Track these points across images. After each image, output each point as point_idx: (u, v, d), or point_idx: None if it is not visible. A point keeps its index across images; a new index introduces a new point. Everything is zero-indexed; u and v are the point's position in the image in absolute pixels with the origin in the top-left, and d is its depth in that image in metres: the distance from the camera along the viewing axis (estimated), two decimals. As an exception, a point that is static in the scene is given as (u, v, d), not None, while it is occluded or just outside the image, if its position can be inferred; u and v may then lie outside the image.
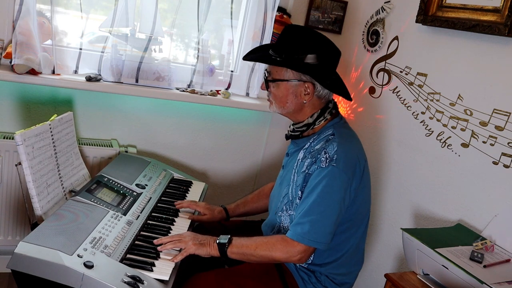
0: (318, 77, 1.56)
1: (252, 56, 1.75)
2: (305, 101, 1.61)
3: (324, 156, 1.51)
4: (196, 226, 1.85)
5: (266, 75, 1.65)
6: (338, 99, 2.55)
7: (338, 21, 2.55)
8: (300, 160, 1.61)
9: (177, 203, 1.82)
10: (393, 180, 2.17)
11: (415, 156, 2.06)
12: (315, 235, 1.47)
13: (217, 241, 1.51)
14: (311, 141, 1.62)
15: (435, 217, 1.93)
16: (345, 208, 1.54)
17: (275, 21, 2.36)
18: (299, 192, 1.57)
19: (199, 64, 2.33)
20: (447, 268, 1.44)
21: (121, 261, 1.35)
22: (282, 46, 1.61)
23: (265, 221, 1.78)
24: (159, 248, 1.47)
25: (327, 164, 1.49)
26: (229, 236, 1.53)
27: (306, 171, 1.55)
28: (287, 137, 1.72)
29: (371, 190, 1.71)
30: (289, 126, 1.72)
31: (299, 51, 1.57)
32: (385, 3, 2.27)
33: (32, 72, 1.96)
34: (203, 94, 2.30)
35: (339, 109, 1.73)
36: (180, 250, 1.48)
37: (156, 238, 1.53)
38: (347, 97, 1.65)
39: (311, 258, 1.60)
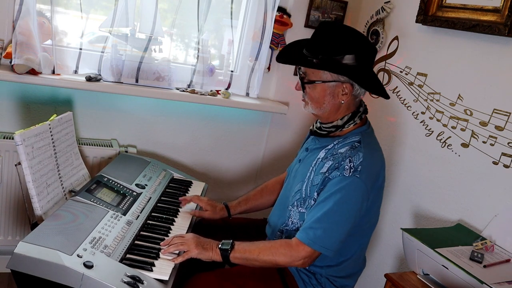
0: (356, 78, 1.52)
1: (287, 58, 1.67)
2: (342, 101, 1.56)
3: (349, 165, 1.47)
4: (197, 223, 1.85)
5: (301, 75, 1.59)
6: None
7: (338, 21, 2.54)
8: (320, 160, 1.58)
9: (181, 198, 1.83)
10: (393, 180, 2.17)
11: (415, 156, 2.06)
12: (326, 241, 1.45)
13: (220, 247, 1.50)
14: (335, 143, 1.58)
15: (435, 217, 1.93)
16: (359, 218, 1.52)
17: (275, 21, 2.37)
18: (315, 194, 1.54)
19: (199, 64, 2.33)
20: (447, 268, 1.44)
21: (121, 261, 1.35)
22: (318, 46, 1.54)
23: (273, 212, 1.77)
24: (162, 251, 1.46)
25: (350, 174, 1.46)
26: (231, 241, 1.51)
27: (327, 174, 1.51)
28: (312, 132, 1.69)
29: (381, 205, 1.69)
30: (316, 122, 1.69)
31: (336, 51, 1.51)
32: (385, 3, 2.27)
33: (32, 72, 1.96)
34: (203, 94, 2.30)
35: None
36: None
37: (156, 238, 1.53)
38: (385, 95, 1.60)
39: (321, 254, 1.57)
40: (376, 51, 1.61)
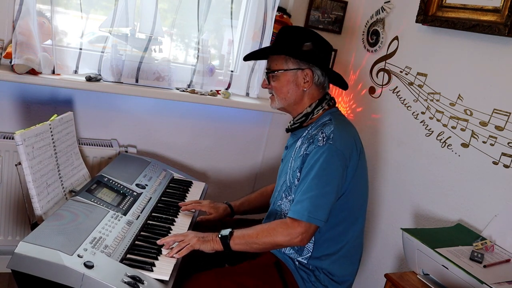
0: (315, 61, 1.63)
1: (252, 54, 1.82)
2: (305, 89, 1.66)
3: (321, 136, 1.55)
4: (197, 223, 1.85)
5: (266, 71, 1.71)
6: (338, 96, 2.55)
7: (338, 21, 2.54)
8: (298, 147, 1.65)
9: (181, 204, 1.83)
10: (393, 180, 2.17)
11: (415, 156, 2.06)
12: (314, 211, 1.48)
13: (219, 235, 1.53)
14: (308, 129, 1.66)
15: (435, 217, 1.93)
16: (343, 191, 1.56)
17: (275, 21, 2.36)
18: (298, 174, 1.59)
19: (199, 64, 2.33)
20: (447, 268, 1.44)
21: (121, 261, 1.35)
22: (279, 41, 1.69)
23: (267, 213, 1.80)
24: (164, 247, 1.47)
25: (324, 143, 1.53)
26: (230, 229, 1.54)
27: (304, 153, 1.58)
28: (287, 130, 1.76)
29: (368, 184, 1.73)
30: (289, 122, 1.76)
31: (295, 40, 1.65)
32: (385, 3, 2.27)
33: (32, 72, 1.96)
34: (203, 94, 2.30)
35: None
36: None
37: (156, 238, 1.53)
38: (344, 85, 1.73)
39: (310, 250, 1.61)
40: (332, 47, 1.74)
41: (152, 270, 1.35)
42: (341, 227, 1.62)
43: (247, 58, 1.82)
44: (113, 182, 1.78)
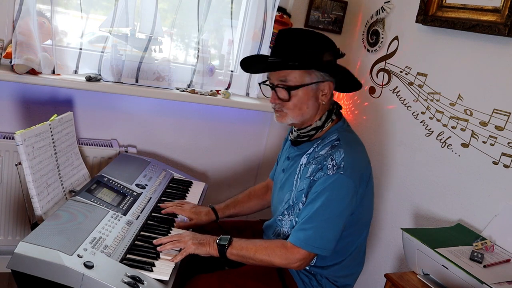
0: (341, 73, 1.52)
1: (259, 67, 1.62)
2: (323, 102, 1.54)
3: (331, 163, 1.46)
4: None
5: (277, 84, 1.52)
6: (337, 97, 2.55)
7: (338, 21, 2.54)
8: (303, 166, 1.57)
9: (162, 205, 1.76)
10: (393, 180, 2.17)
11: (415, 156, 2.06)
12: (319, 241, 1.45)
13: (217, 242, 1.50)
14: (314, 146, 1.57)
15: (435, 217, 1.93)
16: (350, 214, 1.51)
17: (275, 21, 2.36)
18: (303, 198, 1.53)
19: (199, 64, 2.33)
20: (447, 268, 1.44)
21: (121, 261, 1.35)
22: (294, 49, 1.49)
23: (268, 222, 1.76)
24: (158, 248, 1.46)
25: (334, 172, 1.45)
26: (229, 237, 1.52)
27: (311, 177, 1.50)
28: (294, 142, 1.64)
29: (374, 195, 1.71)
30: (292, 132, 1.65)
31: (316, 50, 1.49)
32: (385, 3, 2.27)
33: (32, 72, 1.96)
34: (203, 94, 2.30)
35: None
36: (180, 250, 1.48)
37: (156, 238, 1.53)
38: (358, 85, 1.63)
39: (314, 261, 1.58)
40: (339, 49, 1.62)
41: (152, 270, 1.35)
42: (346, 240, 1.59)
43: (251, 70, 1.65)
44: (113, 182, 1.78)
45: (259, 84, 1.59)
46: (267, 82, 1.58)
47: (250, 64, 1.66)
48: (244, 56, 1.68)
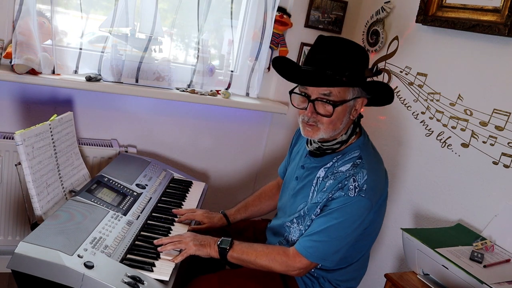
0: (379, 90, 1.48)
1: (313, 80, 1.45)
2: (355, 119, 1.51)
3: (353, 185, 1.42)
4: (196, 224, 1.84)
5: (318, 98, 1.43)
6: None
7: (338, 21, 2.54)
8: (321, 179, 1.53)
9: (175, 211, 1.75)
10: (393, 180, 2.17)
11: (415, 156, 2.06)
12: (324, 254, 1.44)
13: (218, 244, 1.50)
14: (334, 161, 1.52)
15: (435, 217, 1.93)
16: (362, 231, 1.50)
17: (275, 21, 2.37)
18: (318, 210, 1.50)
19: (199, 64, 2.33)
20: (447, 268, 1.44)
21: (121, 261, 1.35)
22: (337, 63, 1.42)
23: (271, 225, 1.74)
24: (159, 248, 1.46)
25: (355, 194, 1.42)
26: (230, 239, 1.51)
27: (330, 195, 1.46)
28: (312, 154, 1.58)
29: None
30: (310, 143, 1.57)
31: (359, 66, 1.44)
32: (385, 3, 2.27)
33: (32, 72, 1.96)
34: (203, 94, 2.30)
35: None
36: (180, 251, 1.48)
37: (157, 238, 1.53)
38: (391, 100, 1.54)
39: (318, 266, 1.57)
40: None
41: (152, 270, 1.35)
42: (353, 249, 1.56)
43: (305, 82, 1.46)
44: (113, 182, 1.78)
45: (290, 92, 1.50)
46: (299, 91, 1.49)
47: (280, 67, 1.56)
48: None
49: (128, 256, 1.40)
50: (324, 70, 1.41)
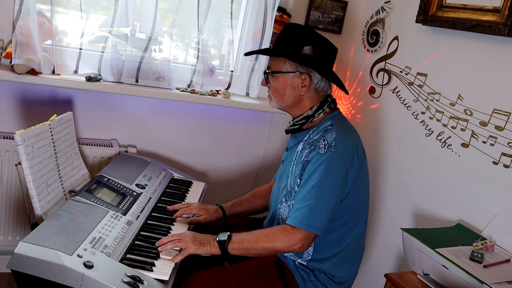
0: (314, 66, 1.62)
1: (253, 51, 1.85)
2: (302, 94, 1.65)
3: (323, 143, 1.54)
4: (196, 225, 1.84)
5: (266, 70, 1.71)
6: (338, 96, 2.55)
7: (338, 21, 2.54)
8: (299, 152, 1.64)
9: (170, 208, 1.77)
10: (393, 180, 2.17)
11: (415, 156, 2.06)
12: (313, 220, 1.48)
13: (217, 239, 1.52)
14: (310, 133, 1.65)
15: (435, 217, 1.93)
16: (343, 196, 1.56)
17: (275, 21, 2.36)
18: (298, 180, 1.59)
19: (199, 64, 2.33)
20: (447, 268, 1.44)
21: (121, 261, 1.35)
22: (280, 41, 1.68)
23: (267, 218, 1.79)
24: (159, 248, 1.47)
25: (325, 150, 1.52)
26: (228, 233, 1.53)
27: (305, 159, 1.57)
28: (287, 131, 1.75)
29: (369, 187, 1.73)
30: (289, 122, 1.75)
31: (296, 42, 1.64)
32: (385, 3, 2.27)
33: (32, 72, 1.96)
34: (203, 94, 2.30)
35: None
36: (180, 250, 1.48)
37: (156, 238, 1.53)
38: (344, 90, 1.71)
39: (310, 253, 1.61)
40: (337, 50, 1.72)
41: (152, 270, 1.35)
42: (341, 230, 1.62)
43: (248, 53, 1.85)
44: (113, 182, 1.78)
45: (264, 72, 1.73)
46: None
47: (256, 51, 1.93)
48: (249, 56, 1.85)
49: (128, 256, 1.40)
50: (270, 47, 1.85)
